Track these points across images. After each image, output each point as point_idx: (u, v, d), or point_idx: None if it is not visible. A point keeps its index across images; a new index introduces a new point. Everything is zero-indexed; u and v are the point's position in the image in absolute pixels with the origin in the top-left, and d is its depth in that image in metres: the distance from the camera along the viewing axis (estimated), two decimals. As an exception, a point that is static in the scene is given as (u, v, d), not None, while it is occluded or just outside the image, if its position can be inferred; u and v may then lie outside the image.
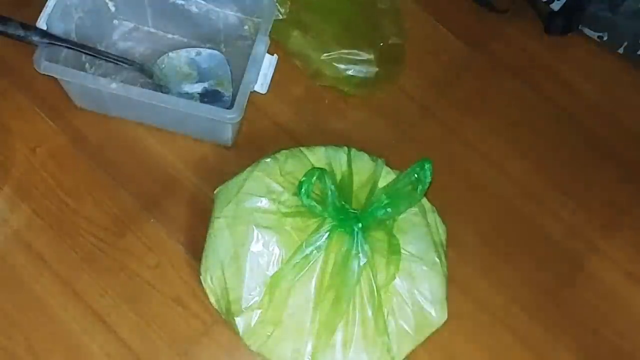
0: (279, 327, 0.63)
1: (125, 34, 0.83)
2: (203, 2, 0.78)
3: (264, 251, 0.63)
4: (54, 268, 0.71)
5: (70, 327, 0.69)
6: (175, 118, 0.74)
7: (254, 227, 0.64)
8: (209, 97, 0.79)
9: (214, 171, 0.76)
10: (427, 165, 0.64)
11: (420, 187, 0.64)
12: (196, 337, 0.69)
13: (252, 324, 0.63)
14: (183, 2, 0.78)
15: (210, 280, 0.65)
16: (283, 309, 0.63)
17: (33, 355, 0.67)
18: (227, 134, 0.76)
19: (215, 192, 0.68)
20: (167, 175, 0.77)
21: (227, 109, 0.69)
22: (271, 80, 0.73)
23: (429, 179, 0.64)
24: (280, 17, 0.80)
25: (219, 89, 0.80)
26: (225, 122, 0.69)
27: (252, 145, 0.78)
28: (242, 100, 0.70)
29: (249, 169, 0.68)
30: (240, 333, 0.63)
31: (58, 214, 0.73)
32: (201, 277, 0.65)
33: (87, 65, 0.79)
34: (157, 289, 0.71)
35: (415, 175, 0.64)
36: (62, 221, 0.73)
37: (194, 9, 0.79)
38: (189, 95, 0.79)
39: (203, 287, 0.65)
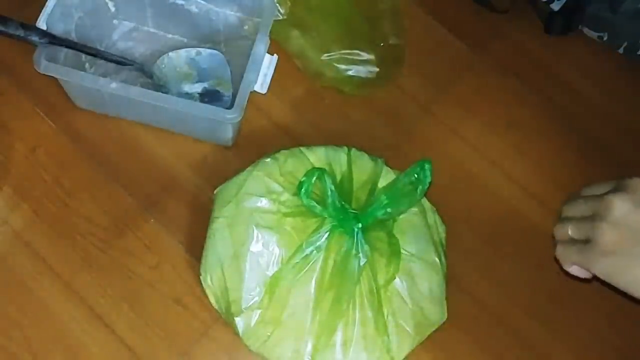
0: (279, 327, 0.63)
1: (125, 34, 0.83)
2: (203, 2, 0.78)
3: (263, 251, 0.63)
4: (54, 268, 0.71)
5: (70, 327, 0.69)
6: (175, 118, 0.74)
7: (253, 227, 0.64)
8: (209, 97, 0.79)
9: (214, 171, 0.76)
10: (427, 166, 0.64)
11: (420, 187, 0.64)
12: (196, 337, 0.69)
13: (252, 324, 0.63)
14: (183, 2, 0.78)
15: (210, 280, 0.65)
16: (283, 309, 0.63)
17: (33, 355, 0.67)
18: (227, 134, 0.76)
19: (215, 192, 0.68)
20: (167, 175, 0.77)
21: (227, 109, 0.69)
22: (271, 80, 0.73)
23: (429, 179, 0.64)
24: (280, 17, 0.80)
25: (219, 89, 0.80)
26: (225, 122, 0.69)
27: (252, 145, 0.78)
28: (242, 100, 0.70)
29: (248, 168, 0.68)
30: (240, 333, 0.63)
31: (58, 214, 0.73)
32: (201, 277, 0.65)
33: (87, 65, 0.79)
34: (157, 289, 0.71)
35: (415, 176, 0.64)
36: (62, 221, 0.73)
37: (194, 9, 0.79)
38: (189, 95, 0.79)
39: (203, 287, 0.66)
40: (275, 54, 0.74)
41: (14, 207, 0.74)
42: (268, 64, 0.73)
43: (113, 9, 0.82)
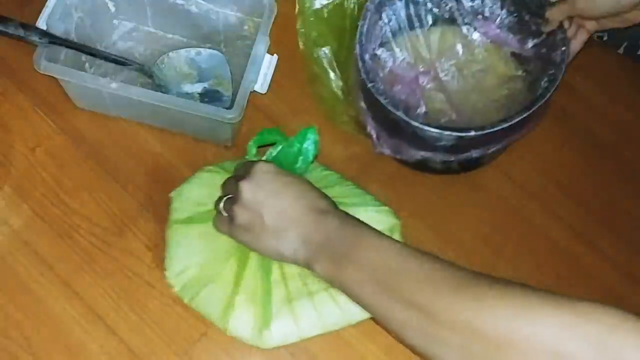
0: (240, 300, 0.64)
1: (125, 34, 0.83)
2: (203, 2, 0.78)
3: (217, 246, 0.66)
4: (54, 268, 0.71)
5: (70, 327, 0.69)
6: (175, 118, 0.74)
7: (204, 225, 0.66)
8: (209, 97, 0.79)
9: (214, 171, 0.76)
10: (310, 136, 0.64)
11: (301, 157, 0.64)
12: (196, 336, 0.69)
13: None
14: (183, 2, 0.78)
15: (175, 279, 0.67)
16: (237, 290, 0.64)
17: (33, 355, 0.67)
18: (227, 134, 0.76)
19: (170, 195, 0.69)
20: (167, 175, 0.77)
21: (227, 109, 0.69)
22: (271, 80, 0.73)
23: (312, 151, 0.64)
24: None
25: (219, 89, 0.80)
26: (225, 122, 0.69)
27: (252, 145, 0.78)
28: (242, 100, 0.70)
29: (196, 173, 0.70)
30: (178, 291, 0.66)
31: (58, 214, 0.73)
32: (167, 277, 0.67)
33: (87, 65, 0.79)
34: (157, 289, 0.71)
35: (298, 145, 0.64)
36: (62, 221, 0.73)
37: (194, 9, 0.79)
38: (189, 95, 0.79)
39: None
40: (275, 54, 0.74)
41: (14, 207, 0.74)
42: (268, 64, 0.73)
43: (113, 9, 0.82)
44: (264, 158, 0.66)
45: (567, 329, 0.43)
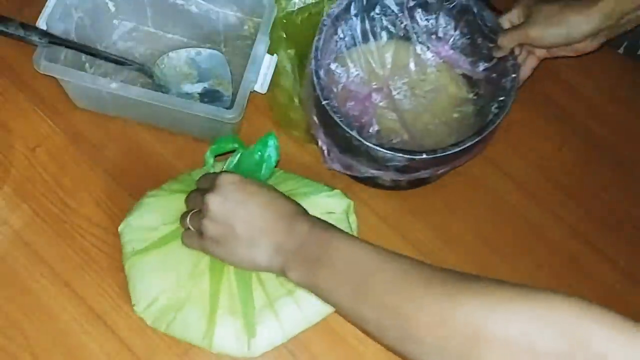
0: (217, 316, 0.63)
1: (125, 34, 0.83)
2: (203, 2, 0.78)
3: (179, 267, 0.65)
4: (54, 268, 0.71)
5: (70, 327, 0.69)
6: (175, 118, 0.74)
7: (162, 250, 0.65)
8: (209, 97, 0.79)
9: (214, 171, 0.76)
10: (270, 142, 0.63)
11: (265, 164, 0.64)
12: (196, 337, 0.69)
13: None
14: (183, 2, 0.78)
15: (146, 312, 0.66)
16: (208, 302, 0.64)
17: (33, 355, 0.67)
18: (227, 134, 0.76)
19: (119, 229, 0.69)
20: (166, 175, 0.76)
21: (227, 109, 0.69)
22: (271, 80, 0.73)
23: (275, 157, 0.64)
24: None
25: (219, 89, 0.80)
26: (225, 122, 0.69)
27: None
28: (242, 100, 0.70)
29: (139, 201, 0.70)
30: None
31: (58, 214, 0.73)
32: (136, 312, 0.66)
33: (87, 65, 0.79)
34: (157, 289, 0.71)
35: (259, 153, 0.63)
36: (62, 221, 0.73)
37: (194, 9, 0.79)
38: (189, 95, 0.79)
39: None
40: (275, 54, 0.74)
41: (14, 207, 0.74)
42: (268, 64, 0.73)
43: (113, 9, 0.82)
44: (224, 167, 0.66)
45: (539, 322, 0.43)
